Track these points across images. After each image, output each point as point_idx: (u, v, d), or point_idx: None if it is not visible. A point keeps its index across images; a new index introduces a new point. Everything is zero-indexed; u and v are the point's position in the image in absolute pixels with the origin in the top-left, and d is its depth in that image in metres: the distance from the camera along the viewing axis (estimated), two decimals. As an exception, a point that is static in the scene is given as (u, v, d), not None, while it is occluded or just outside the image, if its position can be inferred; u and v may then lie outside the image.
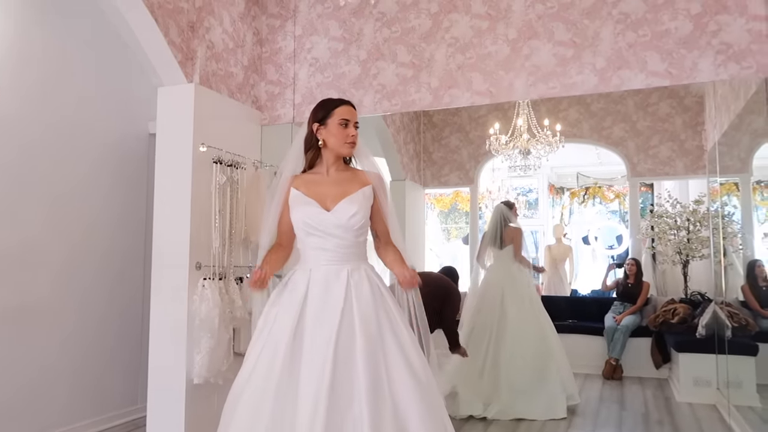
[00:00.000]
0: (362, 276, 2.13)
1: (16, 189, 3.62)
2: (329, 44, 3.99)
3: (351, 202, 2.15)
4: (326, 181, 2.22)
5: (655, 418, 4.31)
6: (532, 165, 5.99)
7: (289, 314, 2.06)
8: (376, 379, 1.94)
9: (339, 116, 2.19)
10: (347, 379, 1.92)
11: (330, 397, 1.87)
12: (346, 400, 1.90)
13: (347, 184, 2.21)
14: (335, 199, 2.16)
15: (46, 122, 3.82)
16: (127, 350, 4.38)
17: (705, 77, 3.21)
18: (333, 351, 1.94)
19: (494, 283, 4.78)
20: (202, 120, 3.50)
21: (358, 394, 1.90)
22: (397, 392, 1.95)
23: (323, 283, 2.09)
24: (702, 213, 5.68)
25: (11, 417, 3.55)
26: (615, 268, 6.83)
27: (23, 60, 3.68)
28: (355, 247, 2.16)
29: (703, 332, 4.76)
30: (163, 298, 3.40)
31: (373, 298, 2.09)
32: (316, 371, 1.93)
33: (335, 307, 2.03)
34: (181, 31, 3.44)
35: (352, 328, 2.00)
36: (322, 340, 1.98)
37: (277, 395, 1.94)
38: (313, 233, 2.15)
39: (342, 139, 2.19)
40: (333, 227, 2.12)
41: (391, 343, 2.03)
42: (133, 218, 4.47)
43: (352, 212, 2.13)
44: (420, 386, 1.99)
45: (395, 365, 1.99)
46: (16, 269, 3.60)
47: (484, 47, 3.63)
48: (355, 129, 2.23)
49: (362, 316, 2.03)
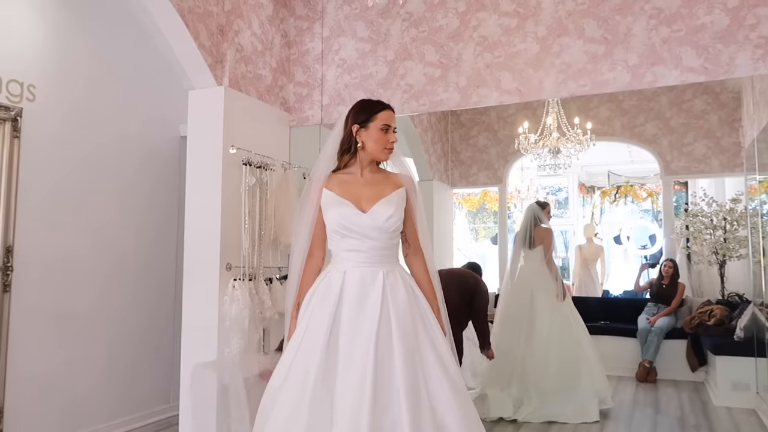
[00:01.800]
0: (397, 278, 2.11)
1: (53, 191, 3.72)
2: (357, 45, 3.99)
3: (387, 204, 2.13)
4: (360, 182, 2.20)
5: (692, 423, 4.21)
6: (561, 164, 5.90)
7: (324, 317, 2.05)
8: (414, 382, 1.94)
9: (381, 121, 2.18)
10: (387, 382, 1.92)
11: (372, 402, 1.87)
12: (385, 403, 1.89)
13: (382, 186, 2.19)
14: (371, 200, 2.14)
15: (83, 126, 3.92)
16: (161, 350, 4.46)
17: (743, 72, 3.11)
18: (373, 354, 1.93)
19: (524, 283, 4.73)
20: (232, 122, 3.54)
21: (397, 397, 1.90)
22: (435, 395, 1.95)
23: (359, 285, 2.07)
24: (739, 212, 5.51)
25: (47, 413, 3.64)
26: (648, 268, 6.69)
27: (62, 66, 3.78)
28: (389, 249, 2.15)
29: (741, 335, 4.62)
30: (195, 299, 3.44)
31: (409, 300, 2.09)
32: (355, 375, 1.92)
33: (373, 311, 2.02)
34: (210, 34, 3.48)
35: (389, 332, 1.99)
36: (361, 344, 1.97)
37: (313, 399, 1.92)
38: (349, 235, 2.13)
39: (382, 144, 2.18)
40: (369, 229, 2.11)
41: (427, 346, 2.03)
42: (167, 221, 4.56)
43: (388, 214, 2.11)
44: (456, 389, 1.98)
45: (432, 368, 1.99)
46: (52, 269, 3.70)
47: (513, 45, 3.59)
48: (394, 135, 2.22)
49: (399, 319, 2.02)
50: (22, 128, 3.50)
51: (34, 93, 3.60)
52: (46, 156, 3.68)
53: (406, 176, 2.26)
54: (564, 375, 4.36)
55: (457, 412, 1.93)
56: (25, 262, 3.51)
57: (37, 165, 3.61)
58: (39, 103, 3.63)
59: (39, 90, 3.63)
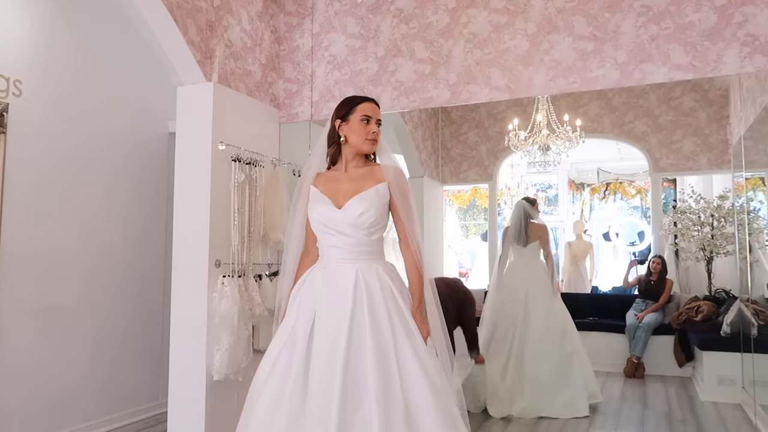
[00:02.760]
0: (373, 275, 2.08)
1: (39, 186, 3.69)
2: (347, 41, 3.98)
3: (362, 200, 2.11)
4: (343, 178, 2.20)
5: (679, 418, 4.25)
6: (551, 161, 5.92)
7: (306, 313, 2.06)
8: (387, 380, 1.91)
9: (361, 113, 2.17)
10: (359, 380, 1.91)
11: (341, 399, 1.85)
12: (356, 401, 1.88)
13: (363, 180, 2.17)
14: (347, 196, 2.13)
15: (70, 122, 3.89)
16: (149, 347, 4.44)
17: (730, 70, 3.14)
18: (344, 352, 1.92)
19: (517, 280, 4.74)
20: (221, 118, 3.52)
21: (368, 394, 1.88)
22: (410, 394, 1.92)
23: (335, 282, 2.07)
24: (726, 208, 5.56)
25: (34, 410, 3.61)
26: (637, 264, 6.72)
27: (49, 61, 3.75)
28: (367, 245, 2.12)
29: (728, 330, 4.67)
30: (184, 296, 3.43)
31: (384, 298, 2.04)
32: (325, 371, 1.92)
33: (344, 308, 2.00)
34: (199, 30, 3.46)
35: (362, 329, 1.97)
36: (331, 341, 1.96)
37: (291, 400, 1.93)
38: (327, 231, 2.13)
39: (363, 135, 2.16)
40: (344, 225, 2.10)
41: (405, 344, 1.99)
42: (155, 217, 4.53)
43: (361, 210, 2.09)
44: (434, 389, 1.95)
45: (408, 366, 1.96)
46: (39, 265, 3.67)
47: (503, 42, 3.60)
48: (377, 126, 2.20)
49: (373, 317, 1.99)
50: (9, 123, 3.47)
51: (21, 88, 3.57)
52: (32, 151, 3.65)
53: (390, 167, 2.21)
54: (557, 370, 4.40)
55: (434, 412, 1.90)
56: (12, 257, 3.48)
57: (23, 160, 3.58)
58: (25, 99, 3.60)
59: (25, 85, 3.60)
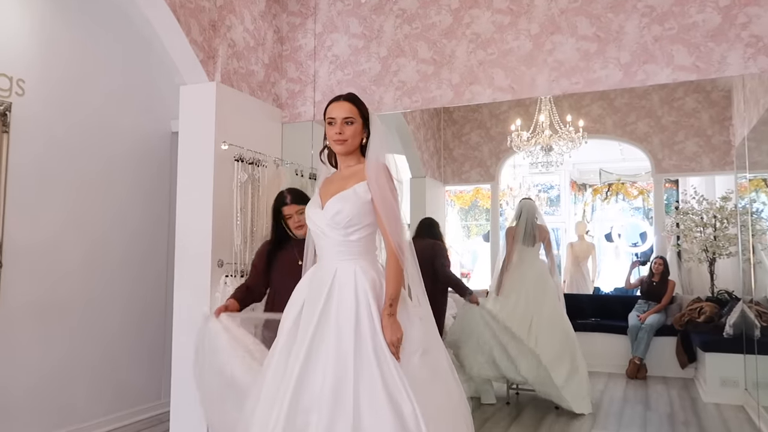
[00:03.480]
0: (348, 276, 2.02)
1: (42, 186, 3.69)
2: (349, 41, 3.98)
3: (339, 200, 2.07)
4: (336, 178, 2.20)
5: (681, 419, 4.24)
6: (553, 161, 5.91)
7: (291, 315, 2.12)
8: (340, 387, 1.86)
9: (328, 115, 2.16)
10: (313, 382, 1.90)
11: (291, 403, 1.87)
12: (307, 405, 1.89)
13: (349, 179, 2.13)
14: (330, 197, 2.11)
15: (72, 121, 3.89)
16: (151, 346, 4.44)
17: (734, 71, 3.13)
18: (304, 354, 1.92)
19: (522, 280, 4.74)
20: (224, 118, 3.52)
21: (318, 400, 1.86)
22: (361, 404, 1.84)
23: (317, 283, 2.08)
24: (729, 210, 5.54)
25: (36, 409, 3.61)
26: (639, 265, 6.72)
27: (51, 60, 3.75)
28: (344, 245, 2.06)
29: (730, 332, 4.66)
30: (186, 295, 3.43)
31: (356, 301, 1.98)
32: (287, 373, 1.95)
33: (314, 310, 1.99)
34: (202, 29, 3.46)
35: (326, 332, 1.95)
36: (299, 343, 1.98)
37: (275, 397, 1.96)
38: (315, 232, 2.15)
39: (330, 137, 2.15)
40: (323, 225, 2.09)
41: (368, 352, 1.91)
42: (156, 216, 4.53)
43: (336, 209, 2.05)
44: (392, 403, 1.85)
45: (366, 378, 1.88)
46: (42, 265, 3.67)
47: (506, 43, 3.59)
48: (343, 125, 2.11)
49: (338, 321, 1.95)
50: (12, 122, 3.47)
51: (24, 87, 3.57)
52: (35, 150, 3.65)
53: (371, 163, 2.09)
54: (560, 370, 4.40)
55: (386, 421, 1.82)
56: (14, 254, 3.48)
57: (26, 159, 3.58)
58: (28, 98, 3.60)
59: (28, 84, 3.60)
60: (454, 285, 4.32)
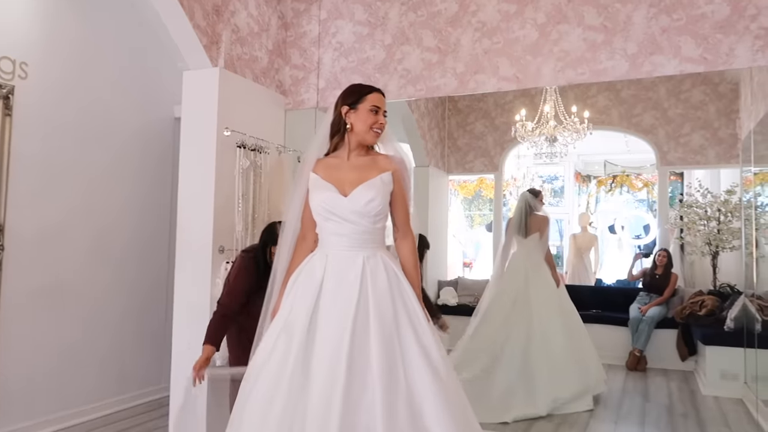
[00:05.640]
0: (378, 263, 2.09)
1: (44, 170, 3.69)
2: (354, 28, 3.95)
3: (368, 188, 2.12)
4: (346, 166, 2.19)
5: (680, 411, 4.25)
6: (558, 152, 5.88)
7: (305, 301, 2.05)
8: (390, 366, 1.91)
9: (371, 102, 2.17)
10: (362, 365, 1.91)
11: (346, 384, 1.85)
12: (360, 386, 1.88)
13: (366, 169, 2.17)
14: (353, 184, 2.13)
15: (75, 105, 3.88)
16: (153, 331, 4.46)
17: (742, 63, 3.10)
18: (349, 338, 1.92)
19: (518, 271, 4.75)
20: (227, 104, 3.51)
21: (372, 380, 1.88)
22: (413, 381, 1.92)
23: (338, 269, 2.07)
24: (734, 203, 5.52)
25: (39, 392, 3.64)
26: (642, 257, 6.70)
27: (54, 44, 3.73)
28: (371, 233, 2.13)
29: (731, 325, 4.65)
30: (187, 281, 3.44)
31: (390, 285, 2.06)
32: (330, 358, 1.91)
33: (350, 295, 2.00)
34: (206, 14, 3.44)
35: (366, 315, 1.97)
36: (336, 329, 1.96)
37: (291, 384, 1.92)
38: (331, 218, 2.13)
39: (369, 124, 2.16)
40: (348, 213, 2.10)
41: (408, 333, 2.00)
42: (158, 201, 4.53)
43: (369, 198, 2.10)
44: (437, 377, 1.95)
45: (412, 355, 1.96)
46: (47, 250, 3.69)
47: (512, 32, 3.56)
48: (384, 118, 2.21)
49: (377, 304, 2.00)
50: (14, 106, 3.46)
51: (26, 70, 3.56)
52: (38, 134, 3.65)
53: (396, 158, 2.23)
54: (560, 363, 4.40)
55: (437, 401, 1.90)
56: (17, 238, 3.49)
57: (29, 142, 3.58)
58: (31, 81, 3.59)
59: (31, 67, 3.59)
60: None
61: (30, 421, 3.57)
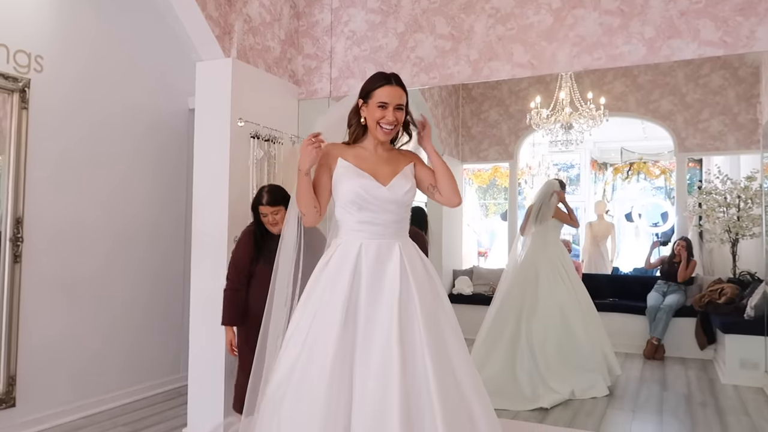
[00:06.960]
0: (412, 250, 2.14)
1: (61, 163, 3.73)
2: (366, 17, 3.92)
3: (405, 179, 2.16)
4: (375, 158, 2.17)
5: (698, 400, 4.21)
6: (574, 140, 5.83)
7: (341, 291, 2.00)
8: (437, 344, 1.97)
9: (378, 98, 2.09)
10: (412, 346, 1.95)
11: (401, 366, 1.88)
12: (412, 366, 1.91)
13: (395, 162, 2.20)
14: (388, 176, 2.15)
15: (90, 98, 3.91)
16: (171, 320, 4.51)
17: (763, 46, 3.02)
18: (397, 321, 1.93)
19: (532, 257, 4.76)
20: (240, 95, 3.51)
21: (422, 359, 1.92)
22: (454, 361, 2.00)
23: (376, 257, 2.05)
24: (754, 189, 5.42)
25: (59, 382, 3.70)
26: (659, 245, 6.63)
27: (69, 37, 3.76)
28: (403, 222, 2.17)
29: (751, 313, 4.59)
30: (203, 272, 3.46)
31: (426, 273, 2.13)
32: (380, 344, 1.92)
33: (393, 280, 2.02)
34: (218, 5, 3.43)
35: (410, 297, 2.00)
36: (383, 313, 1.97)
37: (332, 376, 1.88)
38: (367, 207, 2.09)
39: (376, 120, 2.10)
40: (388, 203, 2.11)
41: (442, 315, 2.08)
42: (175, 193, 4.56)
43: (407, 188, 2.14)
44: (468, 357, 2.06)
45: (449, 338, 2.04)
46: (66, 242, 3.73)
47: (526, 17, 3.51)
48: (395, 112, 2.10)
49: (419, 287, 2.04)
50: (30, 99, 3.50)
51: (42, 64, 3.59)
52: (54, 127, 3.68)
53: (412, 152, 2.32)
54: (572, 350, 4.39)
55: (474, 382, 2.00)
56: (35, 232, 3.54)
57: (45, 135, 3.62)
58: (47, 74, 3.62)
59: (46, 61, 3.61)
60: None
61: (51, 410, 3.63)
